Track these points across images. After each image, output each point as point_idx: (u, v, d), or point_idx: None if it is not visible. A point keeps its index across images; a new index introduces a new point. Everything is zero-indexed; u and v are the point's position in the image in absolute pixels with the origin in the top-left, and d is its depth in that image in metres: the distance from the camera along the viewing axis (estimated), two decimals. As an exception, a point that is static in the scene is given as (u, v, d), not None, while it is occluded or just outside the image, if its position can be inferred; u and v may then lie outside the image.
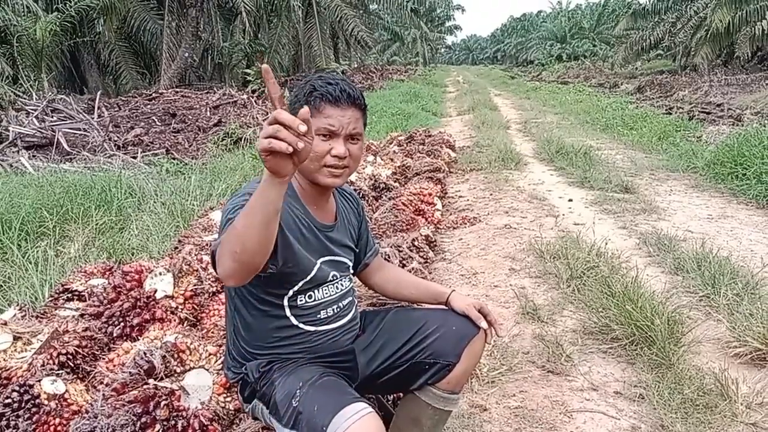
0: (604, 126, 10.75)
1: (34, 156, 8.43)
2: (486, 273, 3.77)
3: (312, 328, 1.69)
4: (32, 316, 2.80)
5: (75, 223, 4.47)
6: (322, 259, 1.67)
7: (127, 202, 5.20)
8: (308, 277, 1.64)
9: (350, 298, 1.80)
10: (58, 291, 3.16)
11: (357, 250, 1.90)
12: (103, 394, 1.88)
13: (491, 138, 9.09)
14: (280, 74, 22.96)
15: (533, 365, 2.65)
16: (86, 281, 3.20)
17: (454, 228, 4.85)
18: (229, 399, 2.01)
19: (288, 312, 1.66)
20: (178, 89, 13.59)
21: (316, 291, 1.68)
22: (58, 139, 8.77)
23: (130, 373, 1.89)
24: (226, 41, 21.92)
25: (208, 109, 10.54)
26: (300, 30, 24.71)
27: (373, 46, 28.96)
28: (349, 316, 1.78)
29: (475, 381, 2.53)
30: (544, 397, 2.41)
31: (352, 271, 1.84)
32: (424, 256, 3.72)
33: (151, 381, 1.87)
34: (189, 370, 1.99)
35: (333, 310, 1.73)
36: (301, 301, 1.66)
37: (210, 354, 2.07)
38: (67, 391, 2.13)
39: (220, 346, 2.25)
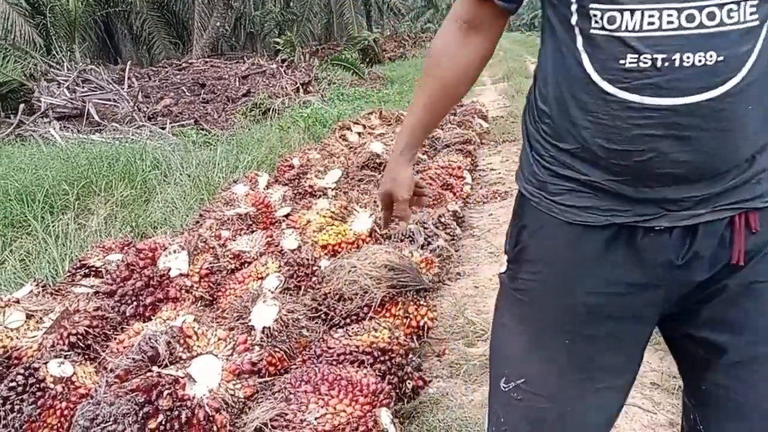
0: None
1: (66, 127, 8.47)
2: (516, 251, 3.60)
3: (622, 94, 0.90)
4: (49, 293, 2.76)
5: (98, 195, 4.43)
6: None
7: (152, 174, 5.14)
8: None
9: (751, 46, 0.88)
10: (75, 267, 3.11)
11: None
12: (107, 381, 1.80)
13: (526, 108, 8.78)
14: (311, 42, 22.70)
15: (564, 352, 2.50)
16: (104, 257, 3.14)
17: (484, 203, 4.67)
18: (238, 386, 1.91)
19: (579, 43, 0.94)
20: (207, 59, 13.51)
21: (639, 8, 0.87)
22: (88, 109, 8.79)
23: (133, 359, 1.80)
24: (257, 10, 21.72)
25: (237, 79, 10.44)
26: (332, -3, 24.34)
27: (406, 14, 28.45)
28: (730, 89, 0.88)
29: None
30: (575, 387, 2.26)
31: None
32: (451, 233, 3.56)
33: (155, 368, 1.78)
34: (196, 356, 1.90)
35: (686, 58, 0.86)
36: (598, 17, 0.90)
37: (219, 339, 1.98)
38: (75, 373, 2.06)
39: (232, 329, 2.16)
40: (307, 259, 2.82)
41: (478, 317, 2.80)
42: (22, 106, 8.80)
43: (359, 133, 6.17)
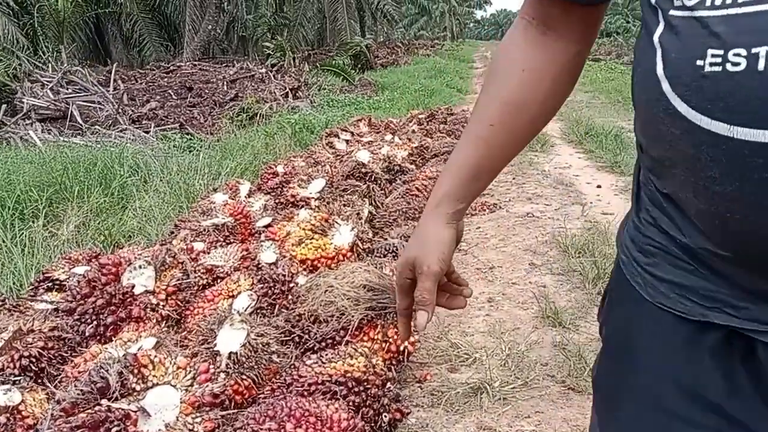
0: (637, 106, 10.23)
1: (49, 130, 8.27)
2: (504, 267, 3.46)
3: (700, 120, 0.58)
4: (7, 308, 2.59)
5: (71, 202, 4.25)
6: None
7: (130, 180, 4.97)
8: None
9: None
10: (39, 280, 2.94)
11: None
12: (52, 414, 1.64)
13: (517, 117, 8.67)
14: (304, 47, 22.57)
15: (552, 380, 2.36)
16: (70, 269, 2.97)
17: (472, 215, 4.53)
18: (198, 420, 1.75)
19: (656, 35, 0.64)
20: (196, 62, 13.35)
21: None
22: (71, 111, 8.59)
23: (81, 391, 1.64)
24: (250, 14, 21.59)
25: (225, 83, 10.28)
26: (325, 3, 24.25)
27: (399, 20, 28.39)
28: None
29: (485, 397, 2.25)
30: (563, 420, 2.12)
31: None
32: (437, 248, 3.42)
33: (104, 402, 1.62)
34: (152, 386, 1.74)
35: None
36: None
37: (178, 368, 1.82)
38: (23, 401, 1.89)
39: (195, 355, 2.00)
40: (284, 275, 2.66)
41: (463, 340, 2.65)
42: (4, 107, 8.59)
43: (347, 141, 6.03)
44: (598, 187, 5.13)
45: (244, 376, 2.00)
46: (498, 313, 2.92)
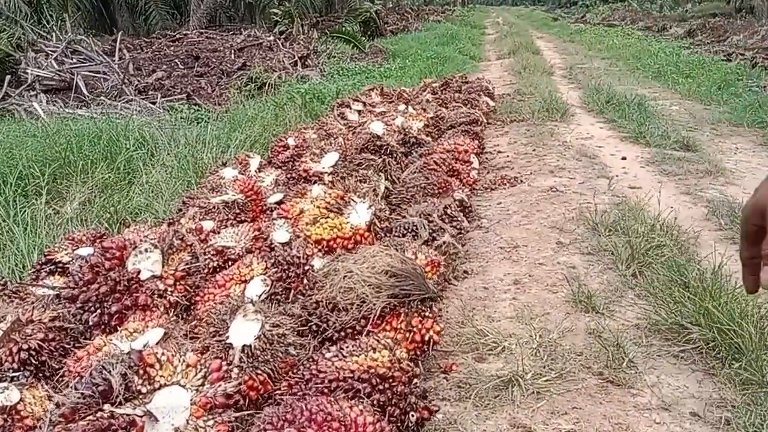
0: (657, 73, 9.90)
1: (53, 101, 8.08)
2: (529, 247, 3.28)
3: None
4: (6, 294, 2.45)
5: (75, 177, 4.09)
6: None
7: (136, 153, 4.80)
8: None
9: None
10: (41, 262, 2.79)
11: None
12: (50, 419, 1.50)
13: (534, 85, 8.40)
14: (312, 14, 22.06)
15: (588, 372, 2.19)
16: (73, 251, 2.82)
17: (492, 189, 4.34)
18: (210, 423, 1.60)
19: None
20: (203, 30, 13.03)
21: None
22: (76, 82, 8.39)
23: (82, 394, 1.49)
24: (256, -21, 21.07)
25: (232, 51, 10.00)
26: (333, -32, 23.62)
27: (409, -14, 27.70)
28: None
29: (516, 390, 2.09)
30: (603, 417, 1.96)
31: None
32: (458, 227, 3.24)
33: (106, 407, 1.47)
34: (159, 388, 1.59)
35: None
36: None
37: (188, 366, 1.66)
38: (21, 400, 1.76)
39: (206, 349, 1.85)
40: (298, 257, 2.49)
41: (490, 326, 2.48)
42: (8, 78, 8.39)
43: (359, 111, 5.81)
44: (623, 159, 4.90)
45: (258, 371, 1.85)
46: (525, 296, 2.75)
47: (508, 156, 5.18)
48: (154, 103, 7.60)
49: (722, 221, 3.45)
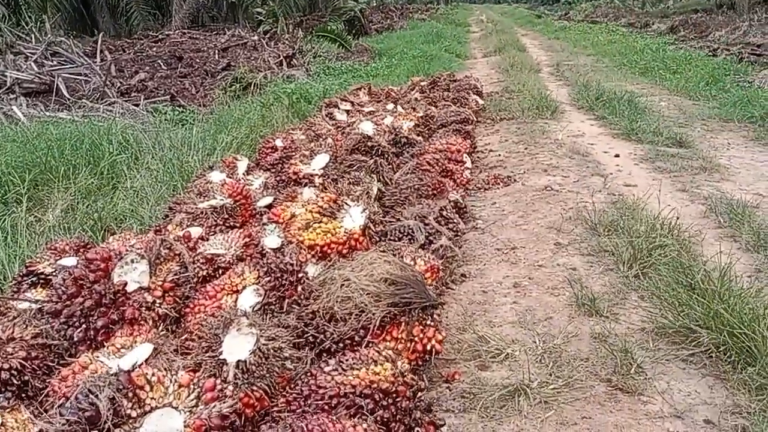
0: (644, 69, 9.89)
1: (34, 104, 7.90)
2: (527, 248, 3.21)
3: None
4: (-15, 308, 2.33)
5: (57, 183, 3.96)
6: None
7: (120, 157, 4.66)
8: None
9: None
10: (22, 274, 2.67)
11: None
12: (33, 448, 1.40)
13: (522, 82, 8.34)
14: (295, 13, 21.92)
15: (596, 378, 2.12)
16: (56, 260, 2.70)
17: (486, 189, 4.26)
18: (205, 446, 1.51)
19: None
20: (186, 31, 12.86)
21: None
22: (57, 85, 8.21)
23: (67, 421, 1.39)
24: (238, -21, 20.87)
25: (216, 51, 9.86)
26: (316, -34, 23.47)
27: (392, -16, 27.64)
28: None
29: (523, 400, 2.01)
30: (615, 426, 1.89)
31: None
32: (454, 229, 3.16)
33: (93, 434, 1.37)
34: (150, 411, 1.49)
35: None
36: None
37: (180, 386, 1.57)
38: (3, 425, 1.65)
39: (198, 366, 1.75)
40: (292, 264, 2.39)
41: (491, 332, 2.40)
42: (-15, 81, 8.20)
43: (347, 111, 5.72)
44: (617, 156, 4.85)
45: (255, 387, 1.76)
46: (526, 300, 2.68)
47: (500, 155, 5.11)
48: (137, 105, 7.45)
49: (721, 219, 3.40)
